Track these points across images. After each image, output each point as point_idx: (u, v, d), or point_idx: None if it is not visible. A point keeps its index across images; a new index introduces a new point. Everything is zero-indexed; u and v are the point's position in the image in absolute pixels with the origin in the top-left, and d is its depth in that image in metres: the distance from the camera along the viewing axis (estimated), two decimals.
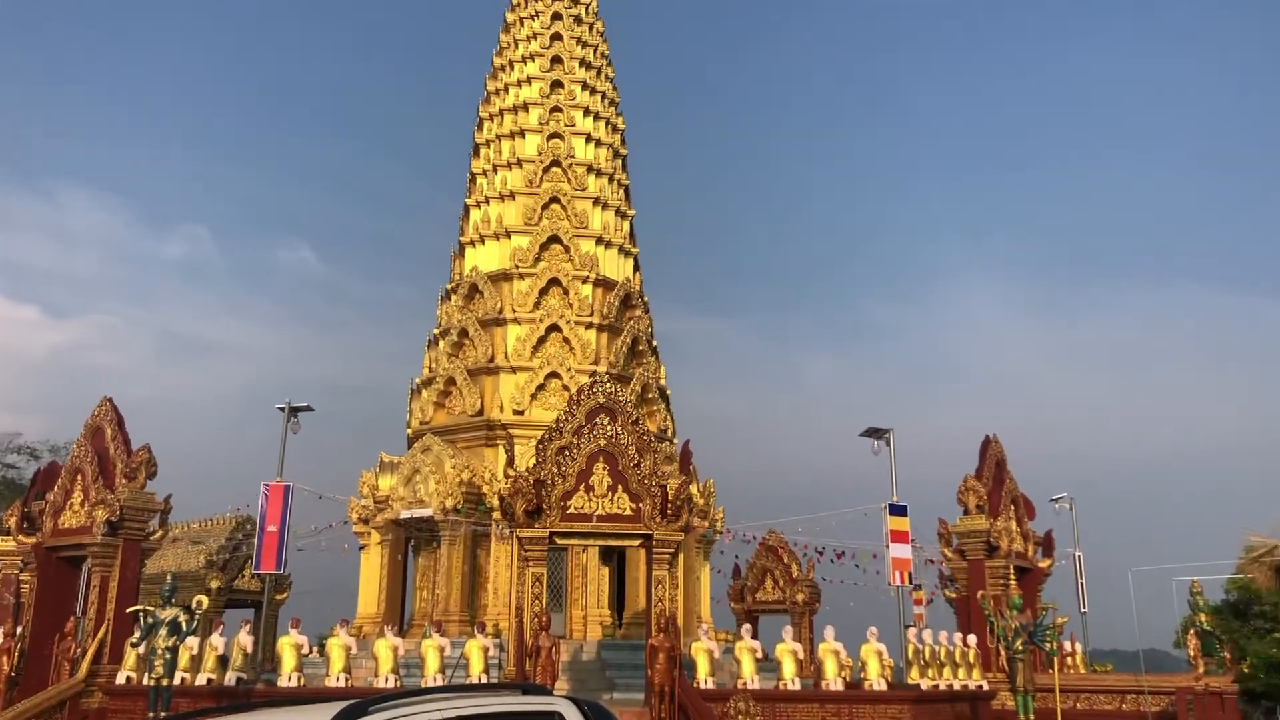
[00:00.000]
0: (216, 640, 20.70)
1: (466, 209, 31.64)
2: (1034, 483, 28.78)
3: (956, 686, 21.57)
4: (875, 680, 20.31)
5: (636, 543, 20.29)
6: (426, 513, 25.88)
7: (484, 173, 31.46)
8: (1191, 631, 25.30)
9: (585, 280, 29.11)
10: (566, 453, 19.54)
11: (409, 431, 29.46)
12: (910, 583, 26.50)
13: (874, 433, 26.67)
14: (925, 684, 21.11)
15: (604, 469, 19.60)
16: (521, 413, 27.33)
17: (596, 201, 30.44)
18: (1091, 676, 25.60)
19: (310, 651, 21.56)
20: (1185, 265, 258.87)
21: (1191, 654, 24.82)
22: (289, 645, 20.46)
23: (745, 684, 19.08)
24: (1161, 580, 24.48)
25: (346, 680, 20.05)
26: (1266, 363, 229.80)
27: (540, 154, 30.54)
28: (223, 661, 20.58)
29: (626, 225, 31.63)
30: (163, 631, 16.91)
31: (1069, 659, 26.60)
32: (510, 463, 20.52)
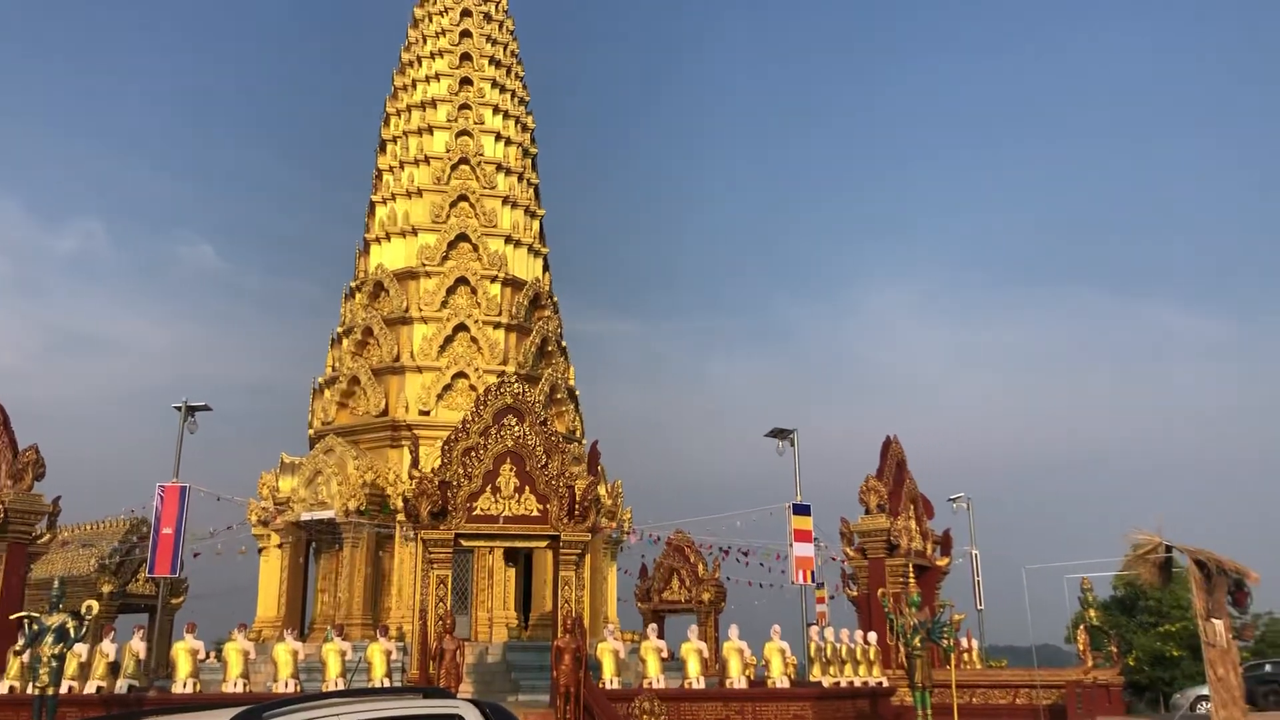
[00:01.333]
0: (107, 647, 20.03)
1: (372, 206, 31.18)
2: (933, 483, 29.49)
3: (857, 683, 21.97)
4: (778, 678, 20.57)
5: (544, 544, 20.23)
6: (329, 515, 25.43)
7: (391, 169, 31.05)
8: (1082, 627, 26.11)
9: (494, 279, 28.91)
10: (473, 454, 19.38)
11: (311, 432, 28.92)
12: (813, 581, 26.92)
13: (779, 433, 27.02)
14: (827, 681, 21.45)
15: (511, 470, 19.49)
16: (427, 413, 27.03)
17: (506, 200, 30.27)
18: (987, 672, 26.30)
19: (207, 657, 21.00)
20: (1084, 271, 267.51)
21: (1081, 649, 25.65)
22: (184, 651, 19.91)
23: (650, 683, 19.15)
24: (1054, 578, 25.22)
25: (244, 686, 19.59)
26: (1158, 366, 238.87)
27: (448, 151, 30.25)
28: (114, 668, 19.92)
29: (536, 224, 31.51)
30: (49, 638, 16.30)
31: (965, 655, 27.27)
32: (415, 464, 20.28)
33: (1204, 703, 23.14)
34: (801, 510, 25.84)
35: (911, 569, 25.49)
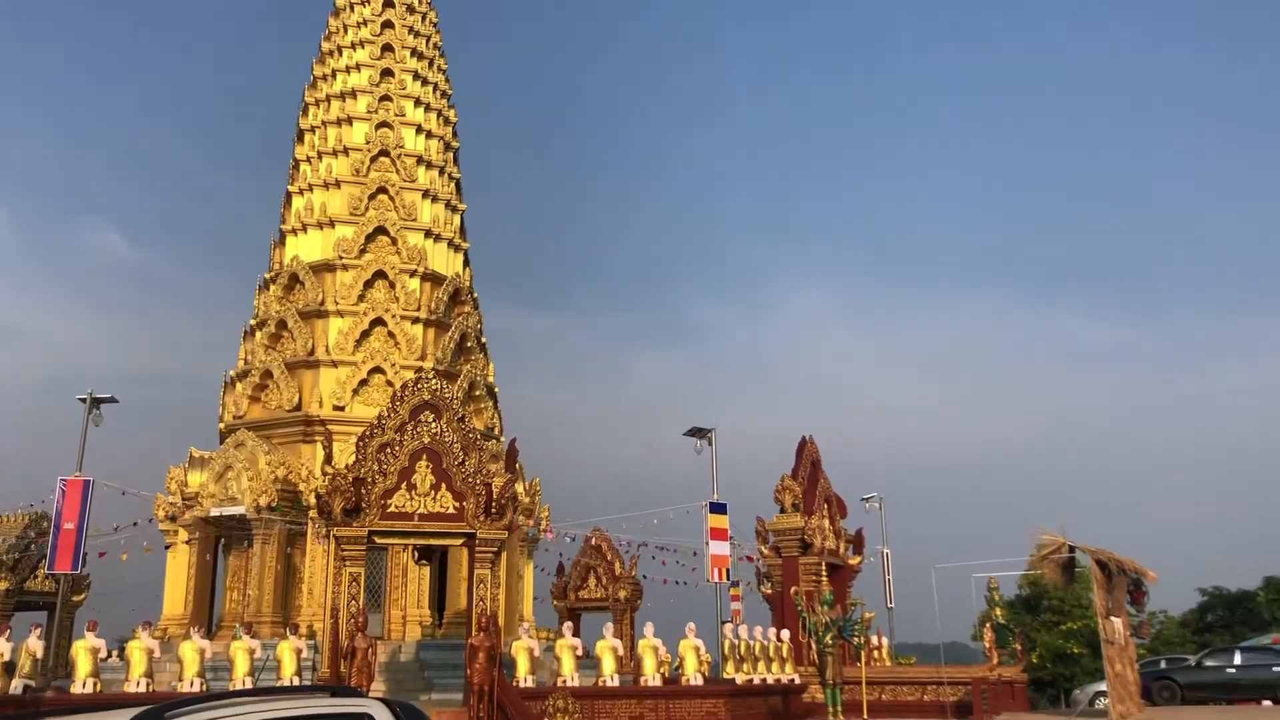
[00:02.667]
0: (2, 645, 19.35)
1: (289, 196, 30.62)
2: (847, 482, 29.95)
3: (770, 680, 22.19)
4: (692, 675, 20.69)
5: (459, 542, 20.08)
6: (239, 510, 24.92)
7: (308, 160, 30.52)
8: (988, 625, 26.75)
9: (413, 274, 28.60)
10: (388, 450, 19.15)
11: (222, 426, 28.30)
12: (728, 579, 27.13)
13: (696, 432, 27.17)
14: (740, 678, 21.63)
15: (427, 467, 19.31)
16: (342, 408, 26.64)
17: (426, 194, 29.96)
18: (896, 669, 26.77)
19: (109, 656, 20.40)
20: (996, 277, 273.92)
21: (987, 646, 26.28)
22: (84, 649, 19.30)
23: (565, 681, 19.13)
24: (962, 577, 25.83)
25: (148, 685, 19.07)
26: (1065, 370, 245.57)
27: (368, 143, 29.83)
28: (8, 668, 19.24)
29: (457, 219, 31.24)
30: None
31: (876, 653, 27.74)
32: (329, 459, 20.00)
33: (1102, 698, 23.86)
34: (718, 509, 26.03)
35: (824, 567, 25.87)
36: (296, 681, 18.77)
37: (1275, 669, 26.72)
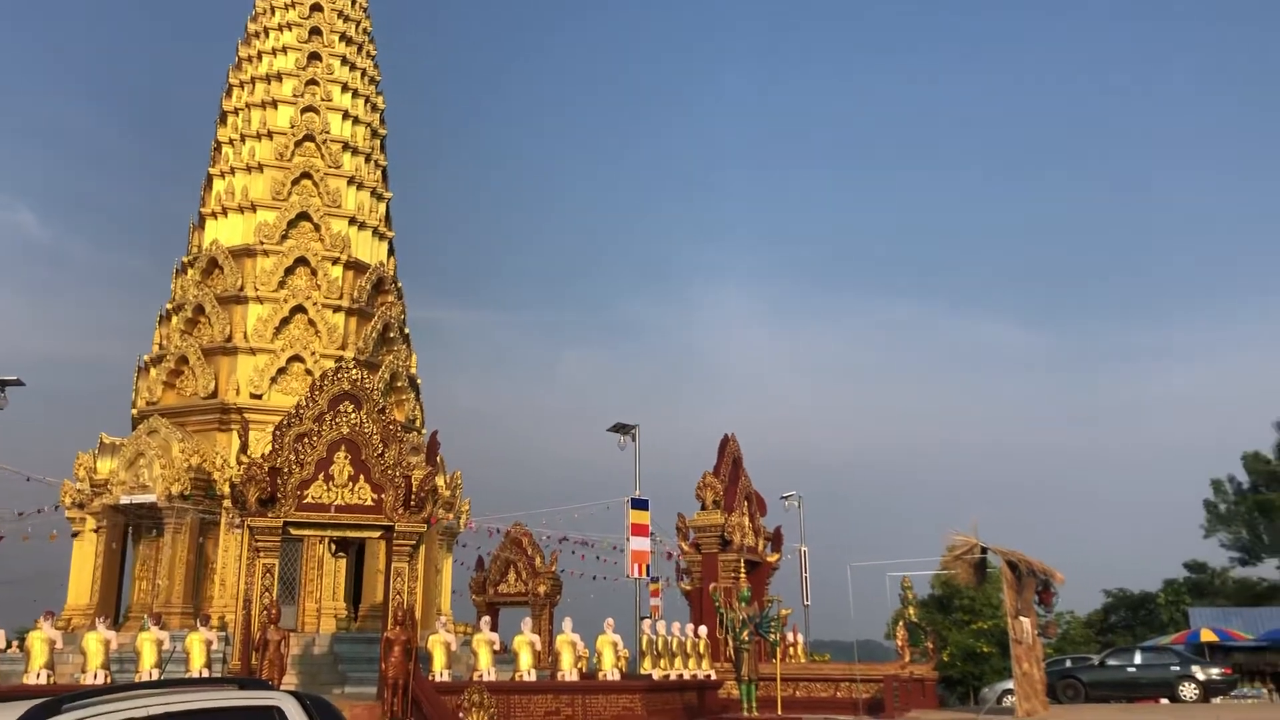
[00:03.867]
0: None
1: (209, 179, 29.96)
2: (767, 480, 30.23)
3: (686, 676, 22.31)
4: (609, 671, 20.71)
5: (377, 534, 19.82)
6: (150, 499, 24.35)
7: (231, 142, 29.89)
8: (901, 623, 27.20)
9: (336, 261, 28.18)
10: (306, 440, 18.83)
11: (134, 412, 27.62)
12: (648, 575, 27.25)
13: (621, 428, 27.25)
14: (657, 674, 21.71)
15: (346, 458, 19.02)
16: (260, 396, 26.16)
17: (352, 181, 29.53)
18: (810, 666, 27.10)
19: (8, 647, 19.81)
20: (917, 282, 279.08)
21: (900, 644, 26.73)
22: None
23: (481, 676, 19.01)
24: (877, 575, 26.24)
25: (49, 677, 18.53)
26: (978, 374, 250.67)
27: (293, 127, 29.31)
28: None
29: (383, 207, 30.84)
30: None
31: (791, 649, 28.05)
32: (244, 448, 19.64)
33: (1009, 696, 24.42)
34: (640, 505, 26.15)
35: (743, 564, 26.06)
36: (206, 674, 18.39)
37: (1173, 668, 27.65)
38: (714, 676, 23.14)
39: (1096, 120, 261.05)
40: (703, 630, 23.96)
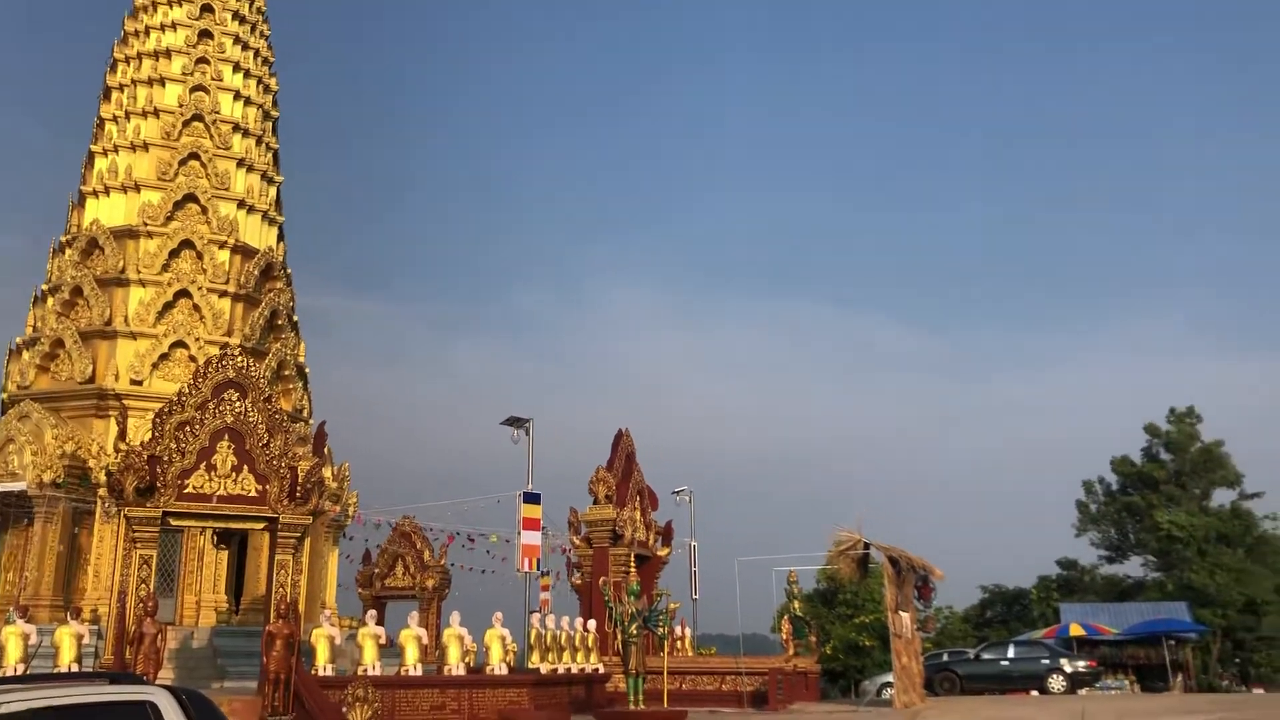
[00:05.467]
0: None
1: (91, 156, 28.85)
2: (659, 475, 30.50)
3: (575, 670, 22.38)
4: (497, 665, 20.66)
5: (260, 526, 19.43)
6: (20, 487, 23.41)
7: (115, 119, 28.83)
8: (786, 617, 27.70)
9: (223, 245, 27.43)
10: (188, 428, 18.34)
11: (4, 396, 26.49)
12: (538, 569, 27.18)
13: (514, 421, 27.08)
14: (545, 668, 21.72)
15: (229, 447, 18.59)
16: (140, 382, 25.34)
17: (241, 163, 28.77)
18: (697, 659, 27.42)
19: None
20: (809, 284, 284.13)
21: (784, 638, 27.23)
22: None
23: (366, 670, 18.77)
24: (763, 570, 26.68)
25: None
26: (865, 374, 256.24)
27: (181, 106, 28.42)
28: None
29: (273, 191, 30.12)
30: None
31: (679, 643, 28.33)
32: (122, 436, 19.00)
33: (888, 688, 25.10)
34: (532, 498, 26.01)
35: (634, 559, 26.23)
36: (75, 668, 17.76)
37: (1043, 661, 28.75)
38: (602, 670, 23.27)
39: (991, 133, 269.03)
40: (592, 624, 24.06)
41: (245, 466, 18.56)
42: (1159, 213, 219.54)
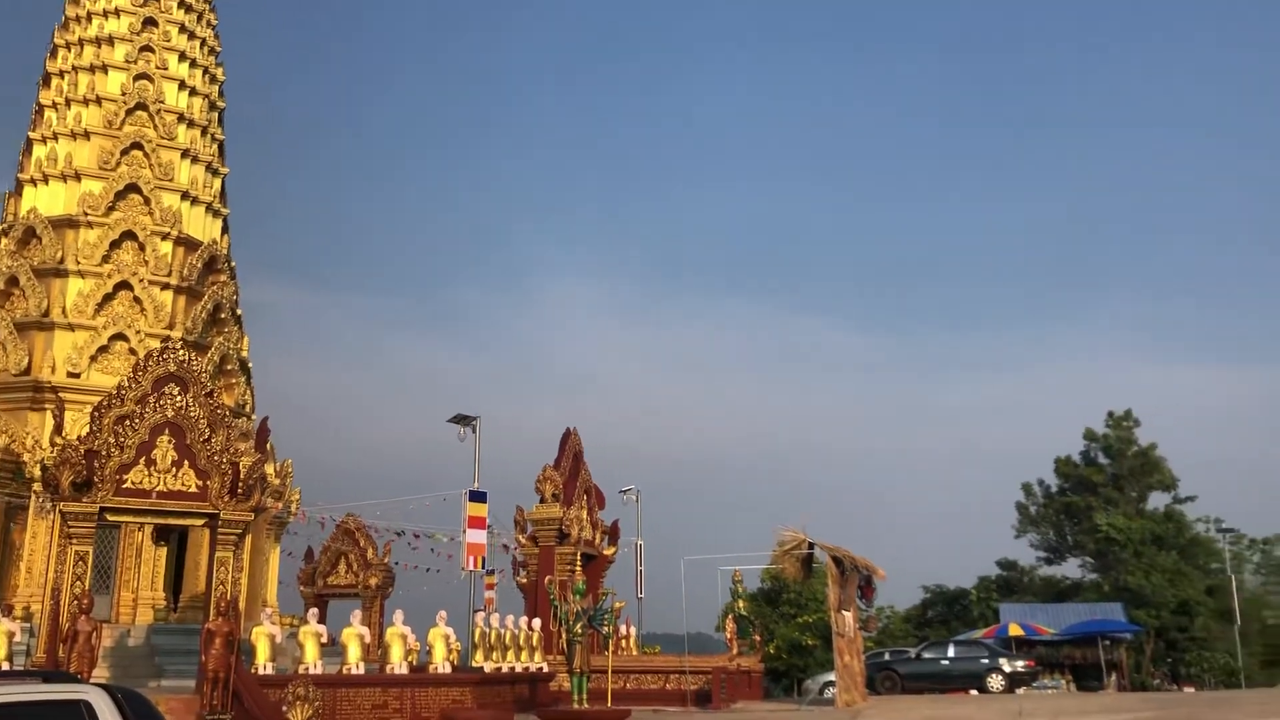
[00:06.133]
0: None
1: (29, 143, 28.23)
2: (606, 474, 30.50)
3: (519, 669, 22.31)
4: (440, 663, 20.54)
5: (201, 522, 19.15)
6: None
7: (55, 106, 28.23)
8: (730, 617, 27.85)
9: (166, 237, 26.98)
10: (127, 422, 18.02)
11: None
12: (483, 568, 27.10)
13: (461, 419, 27.01)
14: (489, 667, 21.64)
15: (169, 442, 18.30)
16: (78, 375, 24.84)
17: (186, 154, 28.31)
18: (642, 658, 27.49)
19: None
20: (757, 285, 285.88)
21: (729, 637, 27.38)
22: None
23: (308, 669, 18.55)
24: (709, 569, 26.84)
25: None
26: (814, 375, 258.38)
27: (125, 94, 27.90)
28: None
29: (218, 183, 29.67)
30: None
31: (624, 642, 28.36)
32: (59, 429, 18.64)
33: (831, 687, 25.32)
34: (478, 497, 25.98)
35: (580, 557, 26.22)
36: (7, 667, 17.38)
37: (982, 661, 29.19)
38: (546, 669, 23.22)
39: (935, 138, 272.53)
40: (537, 623, 24.01)
41: (186, 462, 18.28)
42: (1102, 218, 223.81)
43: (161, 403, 18.27)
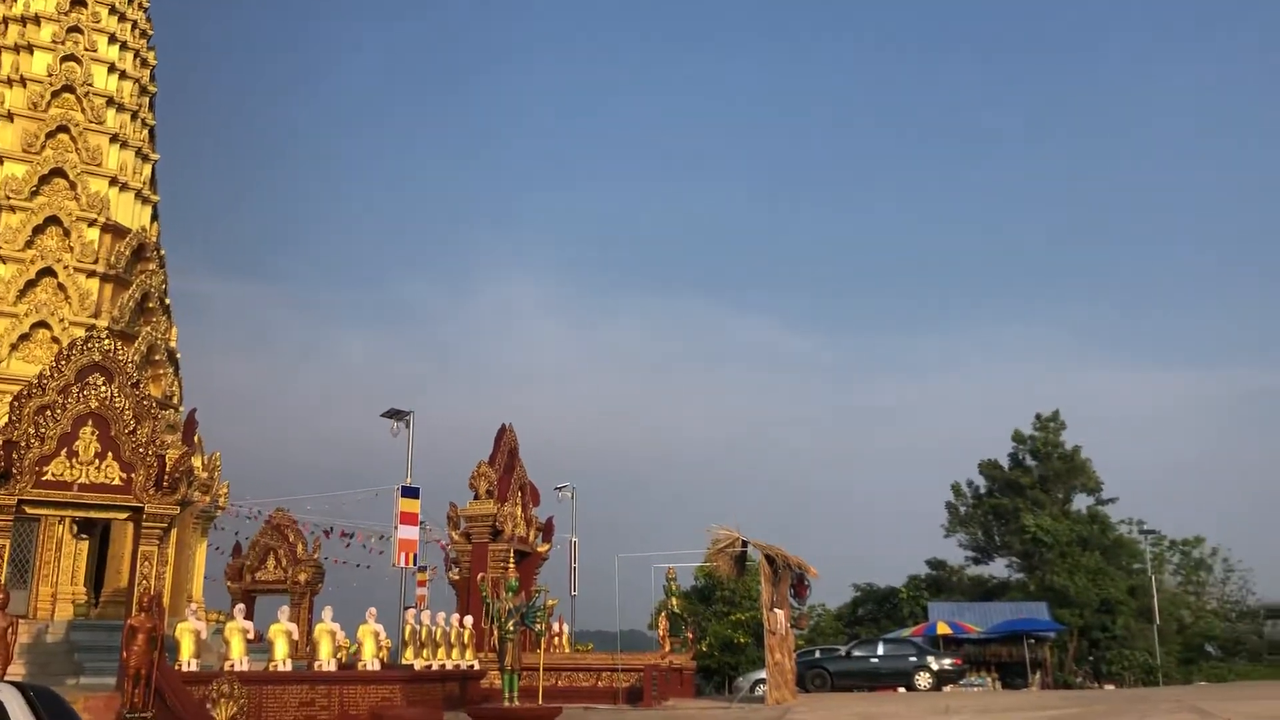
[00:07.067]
0: None
1: None
2: (543, 471, 30.37)
3: (449, 666, 22.16)
4: (370, 661, 20.33)
5: (124, 516, 18.71)
6: None
7: None
8: (663, 614, 27.93)
9: (92, 223, 26.31)
10: (48, 413, 17.54)
11: None
12: (415, 564, 26.86)
13: (395, 414, 26.72)
14: (419, 664, 21.46)
15: (93, 434, 17.85)
16: None
17: (115, 139, 27.63)
18: (574, 656, 27.46)
19: None
20: (696, 283, 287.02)
21: (661, 635, 27.47)
22: None
23: (234, 665, 18.23)
24: (643, 567, 26.87)
25: None
26: (750, 375, 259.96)
27: (51, 76, 27.15)
28: None
29: (148, 169, 29.01)
30: None
31: (556, 639, 28.32)
32: None
33: (762, 685, 25.51)
34: (410, 493, 25.72)
35: (513, 554, 26.12)
36: None
37: (910, 659, 29.61)
38: (477, 666, 23.09)
39: (870, 141, 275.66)
40: (468, 620, 23.87)
41: (110, 454, 17.86)
42: (1031, 224, 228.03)
43: (85, 393, 17.82)
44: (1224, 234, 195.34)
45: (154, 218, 28.89)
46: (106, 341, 18.63)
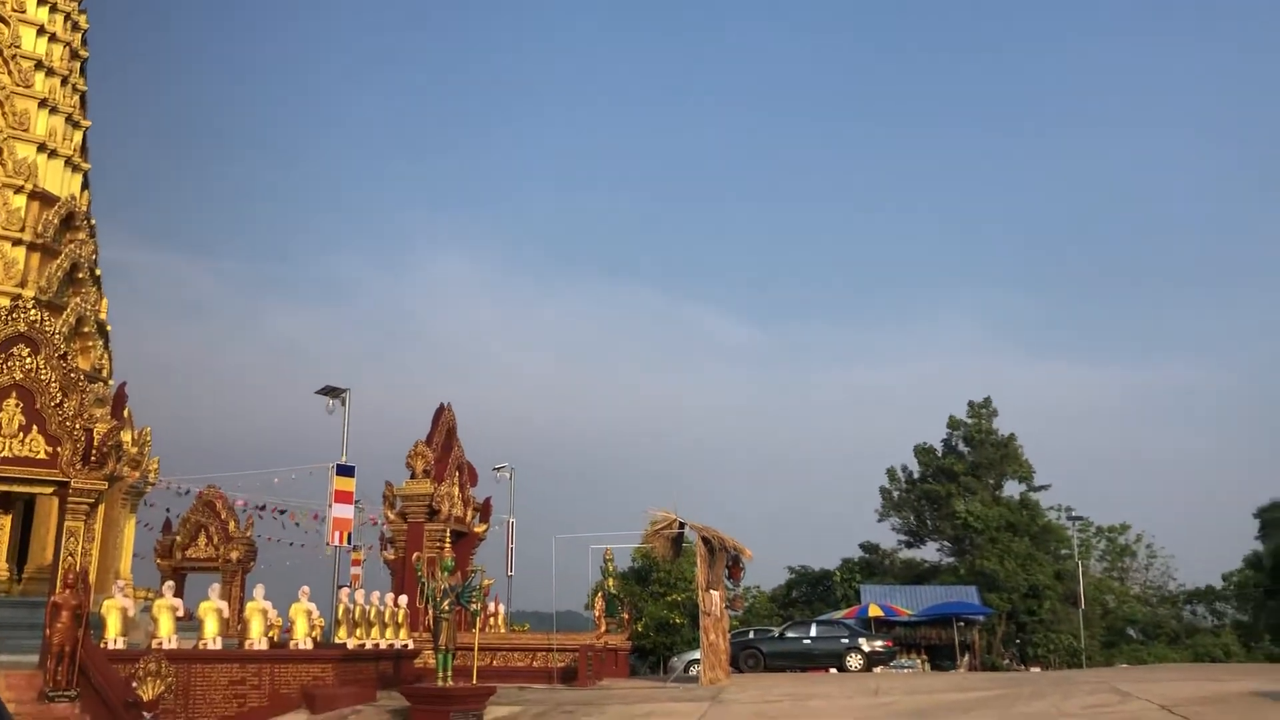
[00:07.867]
0: None
1: None
2: (481, 452, 30.20)
3: (383, 646, 22.03)
4: (302, 639, 20.12)
5: (49, 490, 18.32)
6: None
7: None
8: (599, 595, 28.01)
9: (19, 190, 25.56)
10: None
11: None
12: (349, 543, 26.59)
13: (330, 391, 26.37)
14: (352, 643, 21.29)
15: (17, 406, 17.47)
16: None
17: (44, 104, 26.84)
18: (509, 636, 27.44)
19: None
20: (637, 267, 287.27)
21: (597, 615, 27.54)
22: None
23: (162, 644, 17.96)
24: (580, 548, 26.85)
25: None
26: (690, 361, 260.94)
27: None
28: None
29: (79, 136, 28.24)
30: None
31: (492, 619, 28.27)
32: None
33: (695, 665, 25.70)
34: (345, 471, 25.39)
35: (450, 534, 25.97)
36: None
37: (842, 641, 30.01)
38: (412, 646, 22.98)
39: (808, 135, 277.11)
40: (403, 600, 23.72)
41: (35, 426, 17.48)
42: (969, 218, 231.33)
43: (9, 364, 17.42)
44: (1158, 231, 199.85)
45: (85, 186, 28.15)
46: (33, 312, 18.20)
